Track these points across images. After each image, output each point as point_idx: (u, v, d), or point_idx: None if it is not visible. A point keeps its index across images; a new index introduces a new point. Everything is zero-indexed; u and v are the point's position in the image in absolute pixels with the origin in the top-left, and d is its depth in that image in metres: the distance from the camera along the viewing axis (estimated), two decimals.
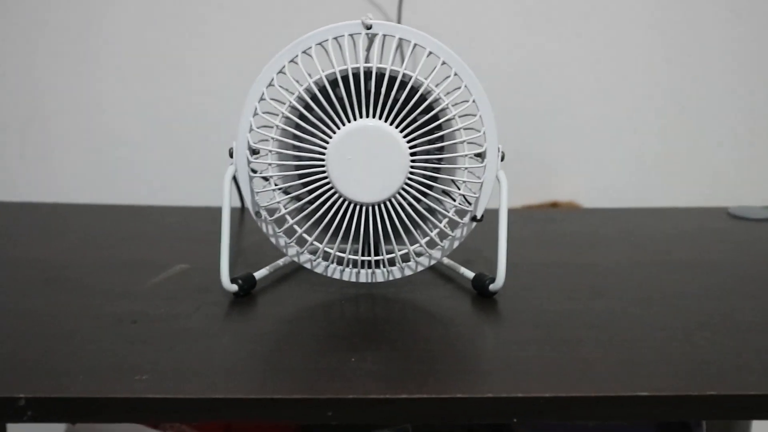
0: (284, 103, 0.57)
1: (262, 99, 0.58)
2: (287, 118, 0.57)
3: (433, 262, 0.62)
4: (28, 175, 1.19)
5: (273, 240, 0.61)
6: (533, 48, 1.20)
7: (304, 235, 0.59)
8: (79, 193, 1.16)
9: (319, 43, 0.58)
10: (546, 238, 0.82)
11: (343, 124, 0.56)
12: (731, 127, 1.20)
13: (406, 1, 1.17)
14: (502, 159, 0.60)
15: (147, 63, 1.19)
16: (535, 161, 1.25)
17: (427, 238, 0.59)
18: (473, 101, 0.58)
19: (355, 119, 0.56)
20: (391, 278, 0.62)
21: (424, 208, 0.58)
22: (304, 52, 0.58)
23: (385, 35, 0.58)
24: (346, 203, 0.57)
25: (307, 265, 0.62)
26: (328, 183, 0.57)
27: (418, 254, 0.61)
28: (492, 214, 0.61)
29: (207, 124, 1.18)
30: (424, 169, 0.57)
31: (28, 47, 1.19)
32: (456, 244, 0.61)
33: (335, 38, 0.58)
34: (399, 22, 1.18)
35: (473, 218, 0.60)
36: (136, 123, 1.19)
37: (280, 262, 0.66)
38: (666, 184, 1.22)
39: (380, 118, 0.56)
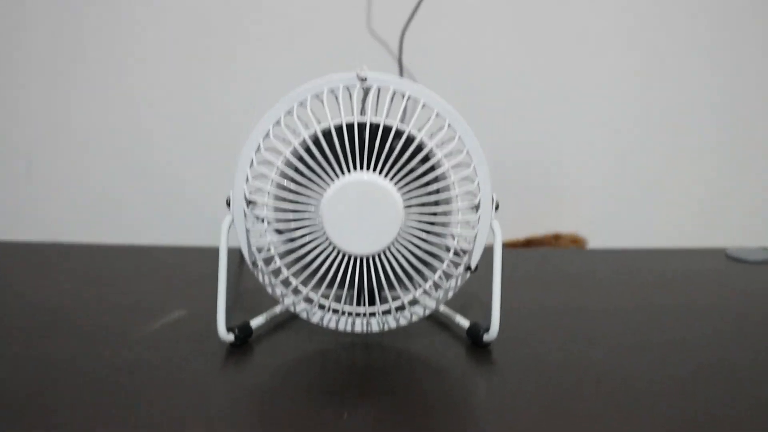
0: (281, 153, 0.58)
1: (258, 150, 0.59)
2: (283, 170, 0.58)
3: (428, 312, 0.62)
4: (25, 213, 1.19)
5: (269, 290, 0.62)
6: (539, 77, 1.21)
7: (300, 287, 0.59)
8: (75, 231, 1.16)
9: (315, 95, 0.59)
10: (543, 279, 0.82)
11: (338, 177, 0.56)
12: (731, 164, 1.21)
13: (408, 38, 1.18)
14: (497, 209, 0.61)
15: (147, 98, 1.20)
16: (538, 193, 1.25)
17: (421, 290, 0.59)
18: (467, 152, 0.59)
19: (349, 172, 0.56)
20: (386, 328, 0.62)
21: (419, 260, 0.58)
22: (300, 103, 0.59)
23: (379, 87, 0.59)
24: (340, 255, 0.57)
25: (303, 315, 0.62)
26: (323, 235, 0.57)
27: (413, 303, 0.61)
28: (488, 256, 0.61)
29: (207, 161, 1.19)
30: (419, 221, 0.57)
31: (21, 86, 1.20)
32: (450, 294, 0.61)
33: (331, 90, 0.59)
34: (400, 57, 1.19)
35: (467, 268, 0.61)
36: (136, 158, 1.20)
37: (277, 309, 0.66)
38: (666, 218, 1.23)
39: (374, 170, 0.56)
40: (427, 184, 0.58)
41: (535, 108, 1.20)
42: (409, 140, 0.57)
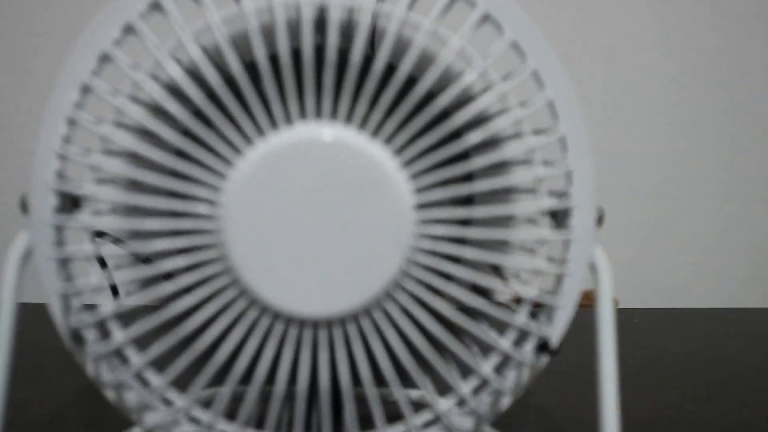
0: (132, 96, 0.25)
1: (79, 108, 0.26)
2: (136, 128, 0.25)
3: None
4: None
5: (111, 395, 0.28)
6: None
7: (174, 399, 0.26)
8: None
9: None
10: (645, 363, 0.51)
11: (260, 134, 0.24)
12: None
13: None
14: (600, 223, 0.29)
15: None
16: None
17: (449, 403, 0.27)
18: (550, 104, 0.27)
19: (287, 122, 0.24)
20: None
21: (444, 329, 0.26)
22: None
23: None
24: (268, 320, 0.25)
25: None
26: (223, 274, 0.24)
27: (429, 424, 0.28)
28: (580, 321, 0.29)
29: None
30: (447, 238, 0.25)
31: None
32: (507, 402, 0.29)
33: None
34: None
35: (542, 347, 0.28)
36: None
37: None
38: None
39: (348, 120, 0.24)
40: (459, 158, 0.26)
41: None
42: (424, 61, 0.25)
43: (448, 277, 0.25)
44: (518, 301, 0.27)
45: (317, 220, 0.24)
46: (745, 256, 0.88)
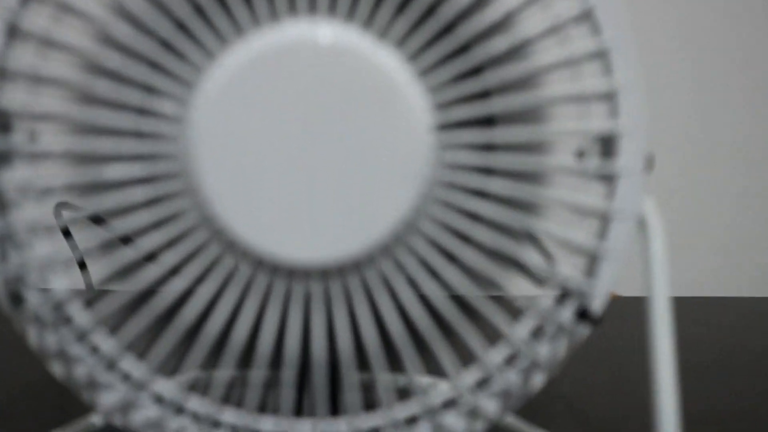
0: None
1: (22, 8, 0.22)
2: (85, 30, 0.20)
3: (480, 429, 0.24)
4: None
5: (60, 369, 0.23)
6: None
7: (135, 374, 0.21)
8: None
9: None
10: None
11: (238, 33, 0.19)
12: None
13: None
14: (650, 170, 0.24)
15: None
16: None
17: (471, 380, 0.22)
18: (592, 15, 0.22)
19: (273, 18, 0.19)
20: None
21: (468, 282, 0.21)
22: None
23: None
24: (244, 268, 0.20)
25: None
26: (190, 210, 0.19)
27: (448, 404, 0.23)
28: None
29: None
30: (468, 168, 0.20)
31: None
32: (539, 381, 0.24)
33: None
34: None
35: (581, 314, 0.23)
36: None
37: (95, 421, 0.28)
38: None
39: (349, 17, 0.19)
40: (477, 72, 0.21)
41: None
42: None
43: (472, 216, 0.20)
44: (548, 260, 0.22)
45: (310, 142, 0.19)
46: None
